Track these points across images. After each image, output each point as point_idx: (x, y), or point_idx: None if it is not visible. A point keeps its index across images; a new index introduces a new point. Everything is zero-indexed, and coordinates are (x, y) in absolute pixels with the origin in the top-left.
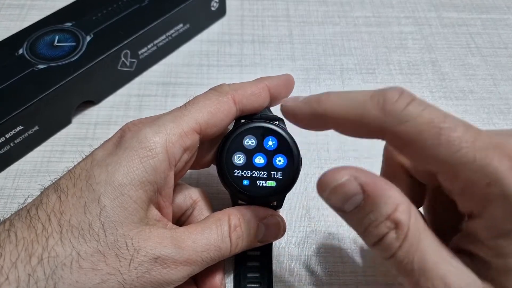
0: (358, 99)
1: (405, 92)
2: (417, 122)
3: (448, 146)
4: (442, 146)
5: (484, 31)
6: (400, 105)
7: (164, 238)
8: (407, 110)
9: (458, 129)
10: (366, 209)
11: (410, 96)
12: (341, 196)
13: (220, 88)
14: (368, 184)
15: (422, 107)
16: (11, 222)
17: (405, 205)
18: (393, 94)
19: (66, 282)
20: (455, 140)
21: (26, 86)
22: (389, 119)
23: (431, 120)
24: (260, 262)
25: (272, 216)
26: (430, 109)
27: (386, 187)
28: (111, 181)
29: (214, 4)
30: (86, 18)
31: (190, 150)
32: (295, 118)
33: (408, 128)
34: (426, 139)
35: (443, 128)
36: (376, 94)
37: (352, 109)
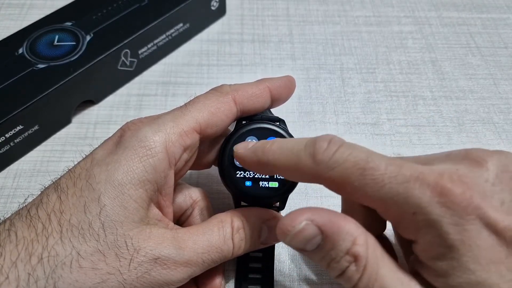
0: (294, 150)
1: (333, 139)
2: (344, 167)
3: (373, 184)
4: (368, 185)
5: (484, 30)
6: (328, 153)
7: (164, 239)
8: (334, 157)
9: (381, 167)
10: (326, 248)
11: (338, 142)
12: (301, 240)
13: (221, 88)
14: (325, 225)
15: (348, 152)
16: (11, 222)
17: (362, 238)
18: (322, 143)
19: (66, 281)
20: (378, 178)
21: (26, 85)
22: (321, 167)
23: (356, 163)
24: (262, 263)
25: (275, 218)
26: (356, 152)
27: (342, 224)
28: (111, 181)
29: (214, 3)
30: (86, 17)
31: (190, 150)
32: (245, 165)
33: (337, 173)
34: (353, 181)
35: (367, 169)
36: (308, 145)
37: (289, 160)
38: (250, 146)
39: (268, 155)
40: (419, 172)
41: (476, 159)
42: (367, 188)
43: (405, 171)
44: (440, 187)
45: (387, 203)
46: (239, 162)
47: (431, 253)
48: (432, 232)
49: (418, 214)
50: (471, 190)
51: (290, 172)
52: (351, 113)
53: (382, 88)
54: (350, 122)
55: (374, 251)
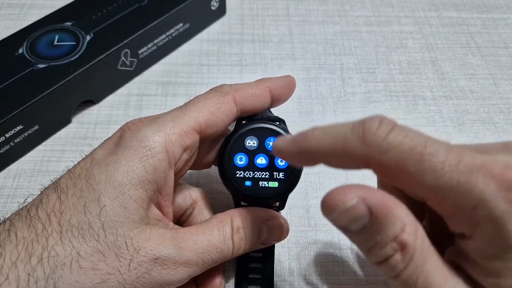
0: (340, 133)
1: (385, 119)
2: (399, 151)
3: (432, 172)
4: (425, 172)
5: (484, 30)
6: (380, 134)
7: (164, 239)
8: (388, 139)
9: (441, 154)
10: (372, 230)
11: (390, 123)
12: (348, 218)
13: (221, 88)
14: (376, 206)
15: (403, 134)
16: (11, 222)
17: (412, 226)
18: (373, 123)
19: (66, 281)
20: (438, 166)
21: (26, 85)
22: (371, 150)
23: (413, 147)
24: (262, 263)
25: (275, 218)
26: (412, 135)
27: (394, 207)
28: (111, 181)
29: (214, 3)
30: (86, 17)
31: (190, 150)
32: (286, 157)
33: (391, 158)
34: (409, 167)
35: (425, 154)
36: (356, 126)
37: (335, 144)
38: (289, 137)
39: (310, 141)
40: (483, 161)
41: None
42: (425, 176)
43: (468, 159)
44: (507, 181)
45: (444, 194)
46: (279, 156)
47: (486, 251)
48: (493, 229)
49: (479, 208)
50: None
51: (337, 158)
52: (351, 113)
53: (382, 88)
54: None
55: (422, 243)
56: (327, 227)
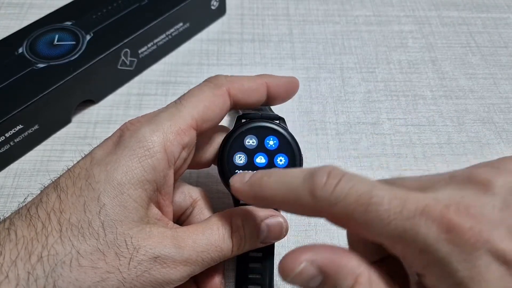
0: (292, 185)
1: (333, 171)
2: (346, 203)
3: (378, 221)
4: (372, 221)
5: (484, 30)
6: (328, 188)
7: (164, 238)
8: (335, 192)
9: (385, 202)
10: (328, 286)
11: (338, 175)
12: (302, 280)
13: (215, 79)
14: (325, 265)
15: (349, 185)
16: (11, 221)
17: (364, 275)
18: (321, 177)
19: (66, 280)
20: (383, 214)
21: (26, 85)
22: (320, 204)
23: (358, 197)
24: (262, 263)
25: (274, 217)
26: (357, 185)
27: (344, 262)
28: (110, 180)
29: (214, 3)
30: (86, 17)
31: (188, 147)
32: (243, 199)
33: (339, 210)
34: (357, 217)
35: (371, 204)
36: (307, 179)
37: (288, 196)
38: (246, 178)
39: (265, 190)
40: (424, 205)
41: (482, 182)
42: (372, 225)
43: (410, 205)
44: (447, 222)
45: (393, 240)
46: (236, 196)
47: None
48: (440, 269)
49: (426, 252)
50: (479, 224)
51: (290, 208)
52: (351, 113)
53: (382, 88)
54: (350, 121)
55: None
56: (327, 226)
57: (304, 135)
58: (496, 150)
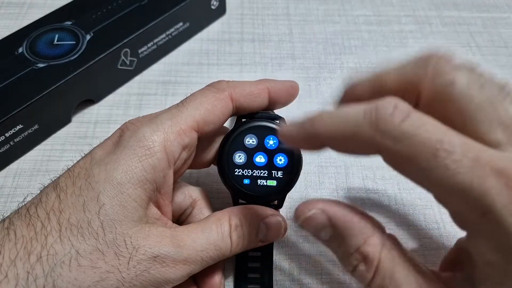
0: (351, 118)
1: (399, 105)
2: (412, 142)
3: (444, 170)
4: (438, 169)
5: (485, 30)
6: (394, 122)
7: (163, 237)
8: (402, 127)
9: (456, 151)
10: (337, 240)
11: (405, 109)
12: (312, 226)
13: (218, 84)
14: (335, 217)
15: (418, 124)
16: (10, 221)
17: (376, 238)
18: (387, 108)
19: (65, 279)
20: (451, 164)
21: (26, 85)
22: (383, 137)
23: (427, 140)
24: (261, 263)
25: (273, 215)
26: (427, 126)
27: (355, 220)
28: (110, 180)
29: (214, 2)
30: (86, 16)
31: (189, 148)
32: (293, 142)
33: (403, 148)
34: (421, 161)
35: (440, 150)
36: (368, 110)
37: (345, 129)
38: (295, 122)
39: (318, 126)
40: (501, 166)
41: None
42: (436, 172)
43: (485, 162)
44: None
45: (453, 193)
46: (285, 141)
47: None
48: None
49: (488, 217)
50: None
51: (346, 143)
52: None
53: None
54: None
55: (390, 254)
56: None
57: None
58: None
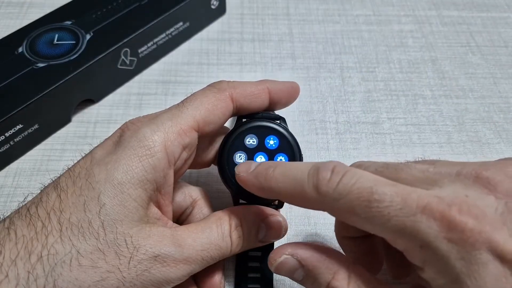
0: (297, 179)
1: (336, 167)
2: (348, 199)
3: (379, 217)
4: (374, 218)
5: (484, 29)
6: (331, 184)
7: (164, 237)
8: (338, 188)
9: (386, 199)
10: (310, 279)
11: (341, 171)
12: (285, 271)
13: (218, 84)
14: (304, 259)
15: (353, 181)
16: (11, 220)
17: (342, 272)
18: (325, 172)
19: (66, 279)
20: (384, 211)
21: (26, 84)
22: (324, 199)
23: (360, 194)
24: (261, 262)
25: (273, 216)
26: (361, 181)
27: (322, 258)
28: (110, 180)
29: (214, 2)
30: (86, 16)
31: (189, 148)
32: (248, 189)
33: (342, 205)
34: (359, 213)
35: (372, 201)
36: (311, 174)
37: (292, 189)
38: (252, 168)
39: (270, 182)
40: (426, 202)
41: (488, 183)
42: (374, 220)
43: (412, 202)
44: (448, 221)
45: (394, 235)
46: (242, 185)
47: (437, 281)
48: (439, 265)
49: (425, 248)
50: (481, 224)
51: (294, 201)
52: (351, 112)
53: (382, 87)
54: (350, 121)
55: (356, 285)
56: (327, 226)
57: (304, 135)
58: (496, 149)
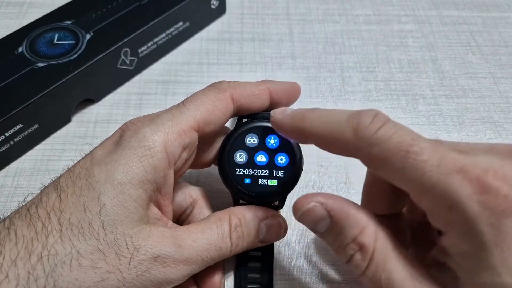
0: (336, 121)
1: (379, 115)
2: (386, 146)
3: (414, 170)
4: (408, 169)
5: (485, 29)
6: (371, 128)
7: (164, 237)
8: (378, 133)
9: (425, 153)
10: (334, 232)
11: (383, 119)
12: (311, 219)
13: (219, 85)
14: (333, 209)
15: (393, 130)
16: (11, 220)
17: (371, 228)
18: (367, 117)
19: (66, 280)
20: (420, 164)
21: (26, 84)
22: (361, 142)
23: (399, 143)
24: (261, 262)
25: (273, 216)
26: (400, 132)
27: (352, 212)
28: (110, 180)
29: (214, 2)
30: (86, 16)
31: (190, 148)
32: (281, 130)
33: (378, 151)
34: (393, 162)
35: (410, 152)
36: (351, 117)
37: (329, 130)
38: (289, 111)
39: (307, 122)
40: (463, 164)
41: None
42: (407, 172)
43: (449, 161)
44: (483, 184)
45: (424, 191)
46: (275, 129)
47: (459, 248)
48: (466, 229)
49: (455, 209)
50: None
51: (329, 143)
52: None
53: (382, 87)
54: None
55: (383, 243)
56: None
57: None
58: None
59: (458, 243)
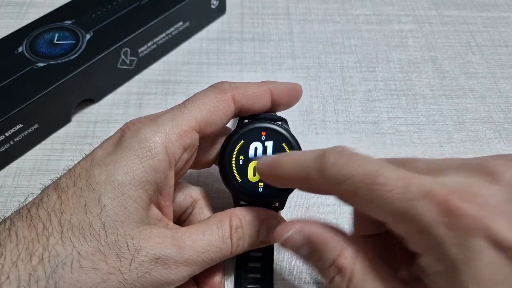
0: (305, 164)
1: (343, 151)
2: (353, 181)
3: (381, 200)
4: (376, 201)
5: (485, 29)
6: (336, 167)
7: (165, 238)
8: (343, 171)
9: (390, 182)
10: (315, 256)
11: (347, 155)
12: (291, 247)
13: (220, 85)
14: (312, 235)
15: (357, 164)
16: (11, 221)
17: (349, 251)
18: (331, 156)
19: (67, 281)
20: (386, 194)
21: (26, 84)
22: (329, 181)
23: (365, 176)
24: (261, 263)
25: (273, 217)
26: (365, 165)
27: (329, 236)
28: (111, 181)
29: (214, 2)
30: (85, 16)
31: (190, 149)
32: (265, 179)
33: (346, 188)
34: (362, 196)
35: (375, 183)
36: (317, 158)
37: (300, 174)
38: (269, 160)
39: (281, 169)
40: (429, 188)
41: (492, 173)
42: (376, 204)
43: (414, 187)
44: (448, 206)
45: (394, 219)
46: (261, 177)
47: (434, 268)
48: (436, 251)
49: (424, 233)
50: (482, 211)
51: (304, 186)
52: (351, 112)
53: (382, 87)
54: (350, 120)
55: (363, 264)
56: None
57: (304, 135)
58: (496, 149)
59: (432, 264)
